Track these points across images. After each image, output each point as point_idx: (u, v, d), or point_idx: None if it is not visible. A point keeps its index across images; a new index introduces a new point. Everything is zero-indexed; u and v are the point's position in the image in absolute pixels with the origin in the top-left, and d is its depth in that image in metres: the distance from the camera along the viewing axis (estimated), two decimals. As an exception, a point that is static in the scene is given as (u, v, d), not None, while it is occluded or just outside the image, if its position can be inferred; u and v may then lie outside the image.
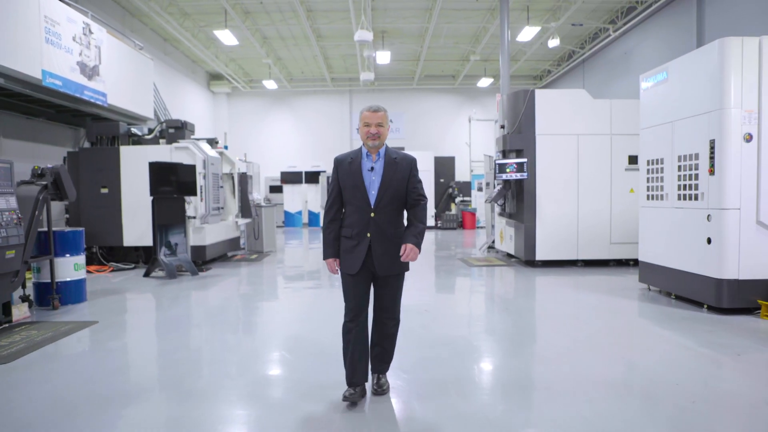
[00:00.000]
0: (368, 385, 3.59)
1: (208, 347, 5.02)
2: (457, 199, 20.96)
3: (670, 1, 13.71)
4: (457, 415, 3.25)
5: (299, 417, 3.25)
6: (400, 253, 3.33)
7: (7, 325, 5.45)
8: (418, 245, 3.35)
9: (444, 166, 21.54)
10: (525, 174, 9.27)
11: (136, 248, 10.36)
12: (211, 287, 8.06)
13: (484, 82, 22.29)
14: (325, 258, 3.46)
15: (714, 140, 5.68)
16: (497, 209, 11.01)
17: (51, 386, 3.84)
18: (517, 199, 9.75)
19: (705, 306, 6.00)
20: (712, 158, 5.72)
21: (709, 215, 5.80)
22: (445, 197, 21.40)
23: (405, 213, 3.52)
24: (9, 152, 10.22)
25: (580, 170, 9.43)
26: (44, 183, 6.17)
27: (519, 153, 9.57)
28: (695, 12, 12.66)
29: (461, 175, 23.18)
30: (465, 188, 21.51)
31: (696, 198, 6.02)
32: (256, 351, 4.82)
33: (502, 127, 10.07)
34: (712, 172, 5.73)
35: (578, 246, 9.51)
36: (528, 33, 16.11)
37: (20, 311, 5.68)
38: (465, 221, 20.49)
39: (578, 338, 5.02)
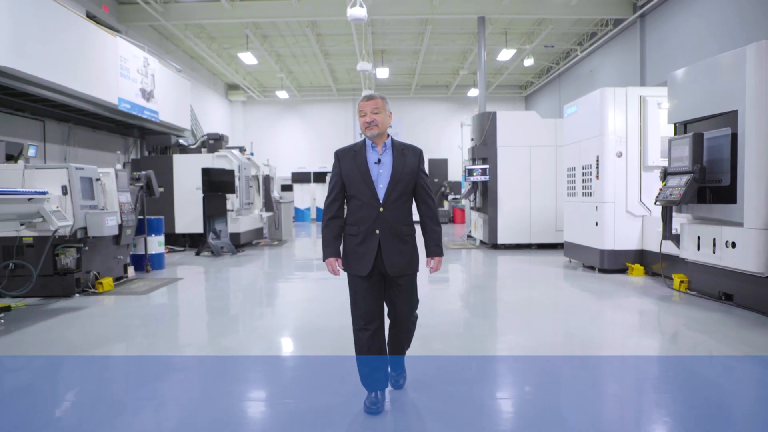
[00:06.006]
0: None
1: (259, 290, 7.76)
2: (450, 197, 23.67)
3: (621, 31, 16.37)
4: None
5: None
6: (428, 266, 3.34)
7: (125, 279, 8.19)
8: (442, 254, 3.37)
9: (438, 168, 24.25)
10: (487, 177, 11.97)
11: (183, 235, 13.10)
12: (249, 263, 10.77)
13: (474, 92, 24.96)
14: (325, 258, 3.22)
15: (598, 155, 8.37)
16: (471, 204, 13.71)
17: (181, 301, 6.61)
18: (483, 196, 12.45)
19: (597, 269, 8.68)
20: (597, 168, 8.40)
21: (597, 206, 8.49)
22: (438, 195, 24.09)
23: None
24: (82, 159, 12.99)
25: (531, 174, 12.10)
26: (141, 184, 8.89)
27: (484, 160, 12.26)
28: (638, 41, 15.31)
29: (454, 175, 25.80)
30: (456, 187, 24.17)
31: (590, 195, 8.70)
32: (285, 295, 7.57)
33: (472, 139, 12.77)
34: (597, 177, 8.42)
35: (531, 232, 12.19)
36: (506, 54, 18.79)
37: (131, 272, 8.41)
38: (456, 216, 23.20)
39: (504, 285, 7.76)
